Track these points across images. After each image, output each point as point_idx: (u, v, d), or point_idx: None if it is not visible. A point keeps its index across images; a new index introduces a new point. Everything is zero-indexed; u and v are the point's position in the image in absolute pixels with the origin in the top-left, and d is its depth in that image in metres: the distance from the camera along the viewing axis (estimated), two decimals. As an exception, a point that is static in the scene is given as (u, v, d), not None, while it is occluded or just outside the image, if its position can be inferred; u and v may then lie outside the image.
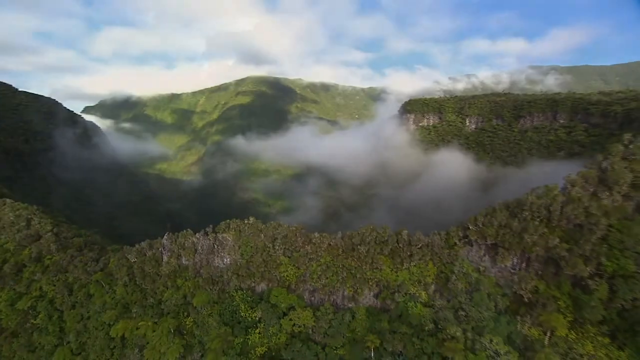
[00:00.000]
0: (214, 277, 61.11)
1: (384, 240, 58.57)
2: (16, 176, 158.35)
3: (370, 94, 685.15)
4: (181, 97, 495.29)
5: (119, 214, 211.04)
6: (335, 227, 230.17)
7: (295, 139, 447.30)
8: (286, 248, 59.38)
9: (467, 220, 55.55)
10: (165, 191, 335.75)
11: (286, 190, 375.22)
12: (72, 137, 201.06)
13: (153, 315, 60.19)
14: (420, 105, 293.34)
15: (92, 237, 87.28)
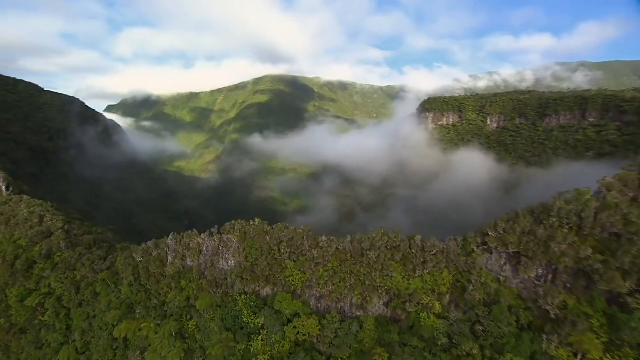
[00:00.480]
0: (218, 279, 58.97)
1: (396, 245, 54.76)
2: (40, 173, 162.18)
3: (388, 93, 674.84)
4: (199, 96, 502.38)
5: (137, 211, 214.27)
6: (350, 227, 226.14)
7: (312, 137, 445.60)
8: (292, 251, 56.49)
9: (486, 226, 51.00)
10: (183, 189, 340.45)
11: (303, 189, 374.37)
12: (94, 135, 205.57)
13: (156, 317, 58.67)
14: (440, 104, 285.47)
15: (104, 234, 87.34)
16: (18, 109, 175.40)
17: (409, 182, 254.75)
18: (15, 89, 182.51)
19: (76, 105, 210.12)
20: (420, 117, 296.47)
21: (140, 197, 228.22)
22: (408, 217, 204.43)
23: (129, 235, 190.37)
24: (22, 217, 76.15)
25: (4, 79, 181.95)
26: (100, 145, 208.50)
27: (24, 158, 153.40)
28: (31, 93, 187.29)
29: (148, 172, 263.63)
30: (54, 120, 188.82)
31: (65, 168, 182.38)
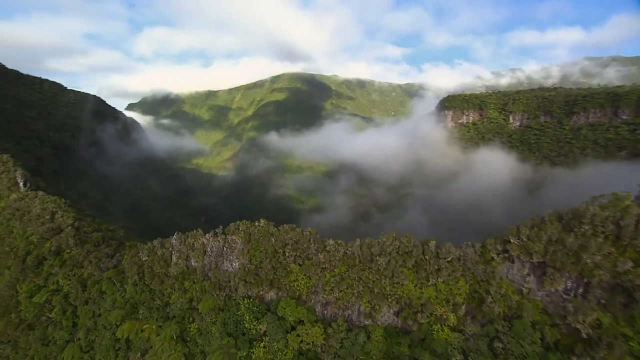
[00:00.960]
0: (221, 281, 56.73)
1: (408, 251, 50.85)
2: (62, 170, 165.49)
3: (407, 90, 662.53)
4: (218, 94, 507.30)
5: (155, 207, 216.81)
6: (365, 227, 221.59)
7: (329, 136, 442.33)
8: (297, 255, 53.50)
9: (508, 232, 46.36)
10: (200, 186, 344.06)
11: (319, 188, 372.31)
12: (113, 133, 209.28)
13: (158, 319, 57.05)
14: (460, 102, 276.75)
15: (115, 231, 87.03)
16: (42, 107, 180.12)
17: (426, 182, 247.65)
18: (40, 88, 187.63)
19: (97, 103, 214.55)
20: (440, 115, 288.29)
21: (158, 194, 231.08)
22: (425, 218, 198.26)
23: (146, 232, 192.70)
24: (34, 213, 76.48)
25: (30, 78, 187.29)
26: (119, 143, 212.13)
27: (47, 155, 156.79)
28: (55, 92, 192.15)
29: (166, 169, 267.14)
30: (76, 118, 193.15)
31: (85, 165, 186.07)
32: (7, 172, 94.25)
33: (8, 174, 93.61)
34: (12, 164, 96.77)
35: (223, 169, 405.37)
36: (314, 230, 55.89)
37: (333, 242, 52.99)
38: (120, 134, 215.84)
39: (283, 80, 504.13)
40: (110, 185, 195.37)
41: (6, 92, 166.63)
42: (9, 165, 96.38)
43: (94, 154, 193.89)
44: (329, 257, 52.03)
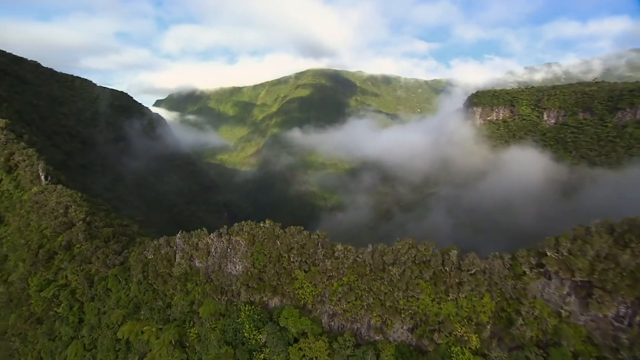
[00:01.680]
0: (224, 285, 53.14)
1: (425, 260, 44.96)
2: (90, 164, 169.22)
3: (433, 87, 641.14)
4: (242, 90, 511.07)
5: (179, 202, 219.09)
6: (387, 227, 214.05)
7: (352, 132, 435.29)
8: (303, 260, 48.87)
9: (545, 244, 39.52)
10: (224, 181, 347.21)
11: (341, 185, 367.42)
12: (139, 128, 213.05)
13: (159, 320, 54.37)
14: (489, 98, 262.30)
15: (129, 226, 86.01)
16: (73, 103, 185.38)
17: (452, 181, 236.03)
18: (72, 85, 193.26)
19: (124, 99, 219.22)
20: (467, 112, 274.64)
21: (182, 189, 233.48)
22: (450, 218, 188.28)
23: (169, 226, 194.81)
24: (49, 207, 76.34)
25: (63, 76, 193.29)
26: (145, 138, 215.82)
27: (76, 149, 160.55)
28: (85, 88, 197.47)
29: (190, 164, 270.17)
30: (104, 114, 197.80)
31: (112, 159, 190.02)
32: (30, 165, 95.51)
33: (31, 167, 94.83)
34: (36, 158, 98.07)
35: (247, 164, 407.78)
36: (322, 234, 51.01)
37: (342, 248, 47.91)
38: (145, 130, 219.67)
39: (307, 77, 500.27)
40: (135, 179, 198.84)
41: (41, 89, 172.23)
42: (33, 159, 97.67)
43: (120, 149, 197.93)
44: (337, 264, 47.03)
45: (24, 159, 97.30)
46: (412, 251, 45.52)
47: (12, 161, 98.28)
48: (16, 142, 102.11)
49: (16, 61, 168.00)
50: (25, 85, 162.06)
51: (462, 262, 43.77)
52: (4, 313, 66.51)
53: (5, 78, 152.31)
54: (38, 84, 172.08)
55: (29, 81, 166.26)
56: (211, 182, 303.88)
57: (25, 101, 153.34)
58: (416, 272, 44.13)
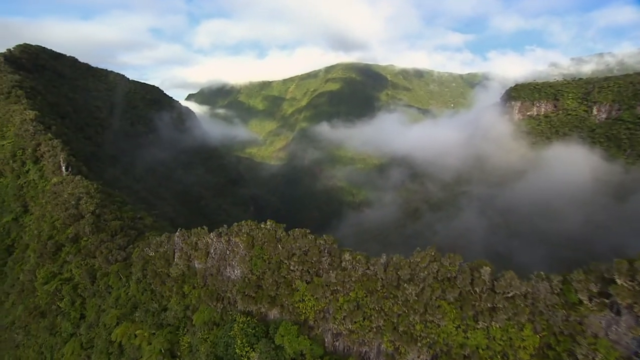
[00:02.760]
0: (220, 291, 47.55)
1: (450, 277, 36.58)
2: (120, 155, 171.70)
3: (468, 81, 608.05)
4: (272, 84, 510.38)
5: (206, 194, 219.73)
6: (415, 226, 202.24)
7: (382, 127, 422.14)
8: (305, 269, 42.00)
9: (613, 267, 29.97)
10: (252, 175, 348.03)
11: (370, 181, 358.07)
12: (169, 121, 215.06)
13: (152, 324, 49.91)
14: (530, 91, 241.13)
15: (145, 219, 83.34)
16: (107, 97, 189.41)
17: (486, 180, 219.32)
18: (106, 79, 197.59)
19: (155, 93, 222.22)
20: (505, 106, 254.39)
21: (209, 181, 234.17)
22: (482, 220, 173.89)
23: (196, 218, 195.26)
24: (62, 198, 74.79)
25: (98, 70, 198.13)
26: (174, 131, 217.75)
27: (106, 141, 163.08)
28: (118, 82, 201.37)
29: (218, 157, 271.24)
30: (136, 107, 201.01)
31: (142, 151, 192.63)
32: (54, 156, 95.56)
33: (54, 158, 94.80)
34: (60, 149, 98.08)
35: (275, 158, 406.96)
36: (329, 239, 43.74)
37: (350, 258, 40.42)
38: (175, 123, 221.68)
39: (337, 71, 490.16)
40: (164, 171, 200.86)
41: (77, 83, 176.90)
42: (57, 150, 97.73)
43: (150, 141, 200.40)
44: (343, 276, 39.70)
45: (49, 149, 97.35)
46: (434, 265, 37.24)
47: (39, 152, 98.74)
48: (43, 134, 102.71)
49: (55, 57, 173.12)
50: (62, 79, 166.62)
51: (496, 282, 34.99)
52: (16, 303, 65.49)
53: (44, 73, 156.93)
54: (75, 78, 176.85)
55: (66, 76, 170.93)
56: (238, 176, 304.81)
57: (62, 94, 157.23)
58: (438, 291, 35.91)
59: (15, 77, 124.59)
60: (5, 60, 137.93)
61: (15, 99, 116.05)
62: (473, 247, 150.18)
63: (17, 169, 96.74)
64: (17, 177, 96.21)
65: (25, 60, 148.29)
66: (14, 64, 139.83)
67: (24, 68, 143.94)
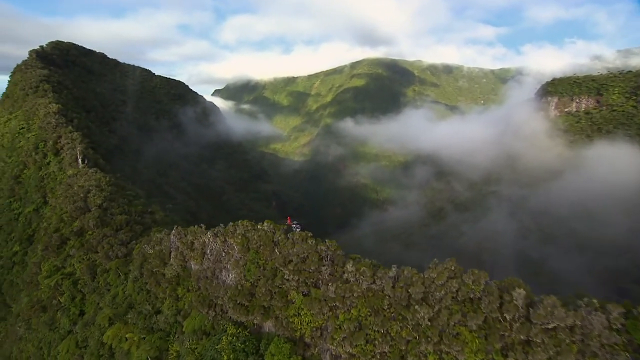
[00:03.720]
0: (213, 296, 42.81)
1: (474, 298, 29.55)
2: (145, 149, 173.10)
3: (500, 76, 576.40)
4: (297, 80, 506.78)
5: (228, 189, 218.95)
6: (439, 227, 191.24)
7: (408, 123, 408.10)
8: (302, 280, 36.22)
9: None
10: (275, 170, 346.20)
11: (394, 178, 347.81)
12: (193, 116, 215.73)
13: (143, 328, 46.15)
14: (569, 86, 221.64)
15: (155, 213, 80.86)
16: (133, 92, 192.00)
17: (518, 180, 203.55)
18: (133, 74, 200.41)
19: (180, 88, 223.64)
20: (540, 102, 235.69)
21: (232, 176, 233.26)
22: (512, 222, 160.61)
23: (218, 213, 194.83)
24: (72, 191, 73.32)
25: (125, 66, 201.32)
26: (198, 126, 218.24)
27: (131, 135, 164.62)
28: (144, 77, 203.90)
29: (242, 152, 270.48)
30: (161, 102, 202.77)
31: (166, 145, 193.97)
32: (72, 149, 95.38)
33: (72, 150, 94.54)
34: (78, 142, 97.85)
35: (299, 154, 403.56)
36: (332, 245, 37.68)
37: (353, 269, 34.16)
38: (199, 118, 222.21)
39: (363, 66, 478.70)
40: (187, 165, 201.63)
41: (105, 78, 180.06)
42: (76, 142, 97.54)
43: (174, 136, 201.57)
44: (344, 289, 33.57)
45: (69, 142, 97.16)
46: (454, 283, 30.28)
47: (59, 144, 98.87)
48: (64, 126, 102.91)
49: (85, 53, 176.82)
50: (91, 75, 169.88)
51: (533, 308, 27.64)
52: (23, 295, 64.50)
53: (73, 68, 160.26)
54: (103, 73, 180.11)
55: (95, 71, 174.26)
56: (261, 171, 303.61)
57: (90, 89, 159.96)
58: (457, 316, 29.03)
59: (43, 72, 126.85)
60: (37, 56, 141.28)
61: (42, 93, 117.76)
62: (502, 250, 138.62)
63: (39, 161, 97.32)
64: (39, 168, 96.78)
65: (56, 57, 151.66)
66: (45, 59, 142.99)
67: (54, 64, 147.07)
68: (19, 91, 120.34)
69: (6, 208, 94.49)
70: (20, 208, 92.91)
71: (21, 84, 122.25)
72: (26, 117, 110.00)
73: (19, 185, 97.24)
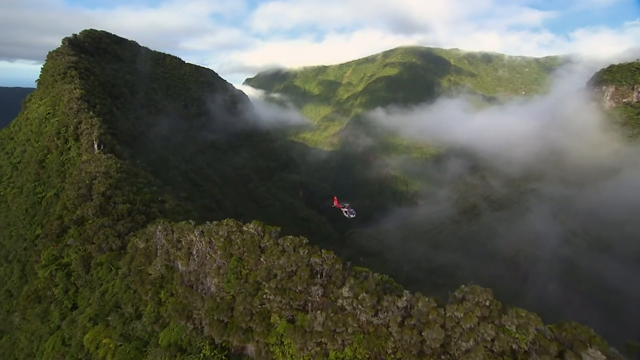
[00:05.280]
0: (192, 306, 36.03)
1: (519, 352, 19.96)
2: (171, 136, 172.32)
3: (545, 65, 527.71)
4: (328, 69, 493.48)
5: (255, 178, 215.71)
6: (471, 226, 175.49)
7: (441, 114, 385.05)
8: (285, 302, 28.14)
9: None
10: (303, 160, 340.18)
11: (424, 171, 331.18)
12: (222, 104, 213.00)
13: (122, 334, 40.53)
14: (629, 73, 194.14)
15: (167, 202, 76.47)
16: (163, 79, 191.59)
17: (563, 177, 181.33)
18: (163, 62, 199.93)
19: (209, 76, 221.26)
20: (593, 92, 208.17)
21: (259, 165, 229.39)
22: (556, 224, 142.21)
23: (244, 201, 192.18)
24: (79, 177, 70.10)
25: (156, 54, 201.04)
26: (226, 113, 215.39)
27: (158, 122, 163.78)
28: (174, 65, 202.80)
29: (269, 141, 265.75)
30: (190, 90, 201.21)
31: (194, 133, 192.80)
32: (89, 134, 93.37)
33: (89, 136, 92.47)
34: (97, 127, 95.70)
35: (328, 144, 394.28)
36: (329, 257, 29.13)
37: (351, 295, 25.46)
38: (227, 106, 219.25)
39: (396, 55, 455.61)
40: (214, 153, 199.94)
41: (135, 66, 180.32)
42: (95, 128, 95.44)
43: (202, 123, 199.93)
44: (337, 321, 25.13)
45: (87, 127, 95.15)
46: (488, 329, 20.73)
47: (80, 129, 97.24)
48: (86, 112, 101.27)
49: (117, 41, 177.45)
50: (121, 62, 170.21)
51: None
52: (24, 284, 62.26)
53: (105, 56, 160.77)
54: (134, 61, 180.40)
55: (125, 59, 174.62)
56: (289, 160, 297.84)
57: (119, 77, 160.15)
58: (491, 378, 19.68)
59: (72, 59, 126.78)
60: (69, 44, 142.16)
61: (69, 79, 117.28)
62: (543, 256, 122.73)
63: (60, 146, 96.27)
64: (61, 153, 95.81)
65: (88, 44, 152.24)
66: (77, 47, 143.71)
67: (86, 51, 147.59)
68: (49, 77, 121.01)
69: (31, 191, 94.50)
70: (44, 192, 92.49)
71: (51, 70, 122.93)
72: (53, 102, 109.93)
73: (43, 169, 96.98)
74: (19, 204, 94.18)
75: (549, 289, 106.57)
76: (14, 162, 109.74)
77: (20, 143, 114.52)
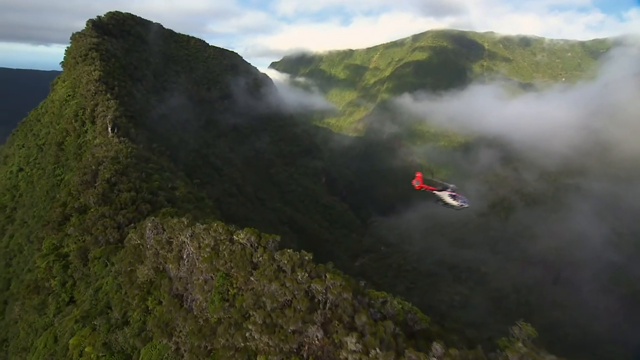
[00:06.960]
0: (175, 323, 30.21)
1: None
2: (193, 119, 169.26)
3: (591, 49, 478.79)
4: (355, 53, 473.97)
5: (277, 162, 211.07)
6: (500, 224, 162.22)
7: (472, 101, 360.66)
8: (273, 344, 21.27)
9: None
10: (327, 145, 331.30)
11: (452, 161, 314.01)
12: (244, 87, 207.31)
13: (105, 343, 35.71)
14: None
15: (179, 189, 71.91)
16: (186, 62, 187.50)
17: (608, 172, 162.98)
18: (187, 44, 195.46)
19: (233, 59, 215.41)
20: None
21: (282, 149, 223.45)
22: (600, 224, 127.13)
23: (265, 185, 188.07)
24: (86, 162, 66.32)
25: (180, 36, 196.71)
26: (249, 97, 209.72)
27: (180, 105, 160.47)
28: (198, 48, 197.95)
29: (293, 125, 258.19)
30: (213, 73, 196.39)
31: (216, 116, 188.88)
32: (104, 117, 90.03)
33: (104, 119, 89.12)
34: (113, 110, 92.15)
35: (353, 130, 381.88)
36: (337, 282, 21.88)
37: (359, 347, 18.18)
38: (251, 89, 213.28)
39: (426, 39, 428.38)
40: (236, 136, 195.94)
41: (159, 48, 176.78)
42: (111, 110, 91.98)
43: (225, 107, 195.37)
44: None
45: (104, 109, 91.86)
46: None
47: (96, 112, 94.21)
48: (103, 94, 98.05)
49: (141, 23, 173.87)
50: (145, 45, 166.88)
51: None
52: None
53: (128, 38, 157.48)
54: (157, 43, 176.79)
55: (149, 41, 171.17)
56: (312, 145, 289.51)
57: (142, 59, 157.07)
58: None
59: (94, 41, 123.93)
60: (93, 25, 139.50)
61: (90, 61, 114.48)
62: (585, 258, 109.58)
63: (77, 129, 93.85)
64: (78, 136, 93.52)
65: (112, 26, 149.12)
66: (100, 29, 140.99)
67: (109, 33, 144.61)
68: (71, 59, 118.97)
69: (51, 174, 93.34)
70: (62, 174, 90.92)
71: (74, 52, 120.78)
72: (73, 84, 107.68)
73: (62, 152, 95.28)
74: (42, 185, 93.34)
75: (593, 297, 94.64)
76: (39, 144, 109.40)
77: (45, 125, 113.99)
